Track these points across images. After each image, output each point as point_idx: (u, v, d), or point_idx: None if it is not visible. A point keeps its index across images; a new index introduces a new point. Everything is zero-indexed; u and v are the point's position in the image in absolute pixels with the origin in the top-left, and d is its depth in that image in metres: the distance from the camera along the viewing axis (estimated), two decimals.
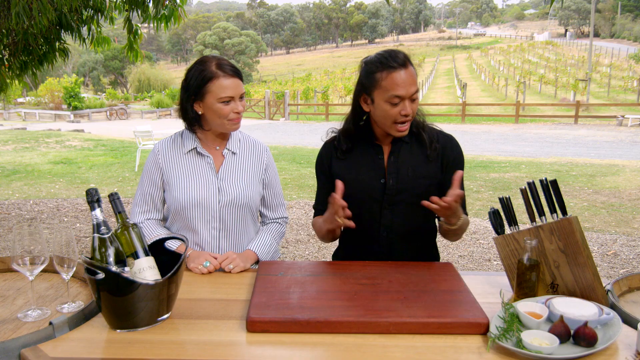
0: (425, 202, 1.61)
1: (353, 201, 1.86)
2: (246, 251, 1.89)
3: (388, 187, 1.79)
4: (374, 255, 1.84)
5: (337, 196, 1.64)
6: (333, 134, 1.93)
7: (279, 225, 2.06)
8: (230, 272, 1.75)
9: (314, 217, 1.98)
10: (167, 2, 4.56)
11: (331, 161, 1.88)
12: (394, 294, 1.49)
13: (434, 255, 1.97)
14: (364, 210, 1.84)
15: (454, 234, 1.81)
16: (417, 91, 1.71)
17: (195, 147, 1.89)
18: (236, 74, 1.81)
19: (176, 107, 1.94)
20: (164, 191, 1.92)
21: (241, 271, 1.77)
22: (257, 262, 1.90)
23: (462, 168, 1.86)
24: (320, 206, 1.95)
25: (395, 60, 1.68)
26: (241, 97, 1.83)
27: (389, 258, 1.83)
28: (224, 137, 1.93)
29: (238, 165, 1.93)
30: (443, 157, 1.82)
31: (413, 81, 1.69)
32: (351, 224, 1.67)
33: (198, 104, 1.82)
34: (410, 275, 1.63)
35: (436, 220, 1.96)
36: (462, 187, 1.84)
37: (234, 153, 1.94)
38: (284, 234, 2.10)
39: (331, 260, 2.00)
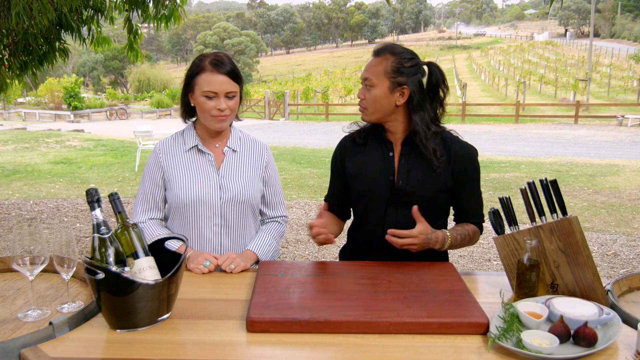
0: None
1: (360, 196, 1.88)
2: (246, 251, 1.90)
3: (396, 187, 1.80)
4: (381, 253, 1.83)
5: (316, 224, 1.73)
6: (357, 127, 1.93)
7: (278, 224, 2.06)
8: (231, 272, 1.76)
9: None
10: (167, 2, 4.56)
11: (345, 157, 1.91)
12: (394, 294, 1.49)
13: (441, 256, 1.93)
14: (370, 206, 1.86)
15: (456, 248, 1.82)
16: (366, 79, 1.75)
17: (197, 145, 1.90)
18: (226, 72, 1.80)
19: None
20: (165, 190, 1.93)
21: (242, 271, 1.77)
22: (257, 262, 1.90)
23: (475, 177, 1.84)
24: (330, 200, 2.00)
25: (376, 48, 1.79)
26: (230, 96, 1.82)
27: (395, 257, 1.81)
28: (221, 135, 1.94)
29: (239, 162, 1.94)
30: (454, 165, 1.79)
31: (370, 68, 1.76)
32: (330, 242, 1.78)
33: (191, 95, 1.86)
34: (410, 275, 1.63)
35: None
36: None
37: (234, 151, 1.95)
38: (284, 233, 2.11)
39: (338, 256, 2.02)
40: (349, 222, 2.05)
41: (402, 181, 1.79)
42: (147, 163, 1.94)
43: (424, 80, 1.79)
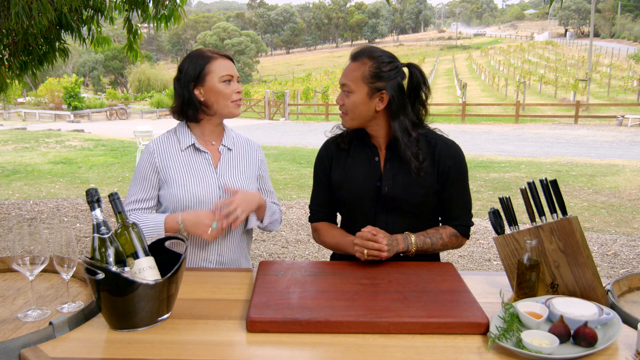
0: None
1: (348, 202, 1.85)
2: (252, 193, 1.86)
3: (382, 193, 1.77)
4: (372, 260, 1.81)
5: (372, 238, 1.66)
6: (339, 131, 1.89)
7: (276, 205, 2.06)
8: (235, 225, 1.75)
9: (313, 220, 1.95)
10: (167, 2, 4.56)
11: (331, 164, 1.86)
12: (394, 294, 1.49)
13: (432, 258, 1.91)
14: (358, 212, 1.82)
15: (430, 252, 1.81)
16: (344, 85, 1.72)
17: (193, 144, 1.87)
18: (228, 57, 1.86)
19: (172, 108, 1.91)
20: (159, 190, 1.88)
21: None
22: (259, 220, 1.91)
23: (461, 175, 1.80)
24: (319, 208, 1.93)
25: (353, 52, 1.76)
26: (238, 81, 1.86)
27: (394, 259, 1.80)
28: (218, 133, 1.93)
29: (235, 161, 1.93)
30: (439, 164, 1.76)
31: (347, 73, 1.73)
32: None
33: (199, 89, 1.81)
34: (410, 275, 1.63)
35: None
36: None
37: (229, 149, 1.94)
38: (282, 218, 2.09)
39: (330, 260, 1.99)
40: None
41: (387, 187, 1.76)
42: (140, 163, 1.88)
43: (405, 82, 1.74)
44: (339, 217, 1.98)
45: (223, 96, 1.80)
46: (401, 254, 1.75)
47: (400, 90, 1.72)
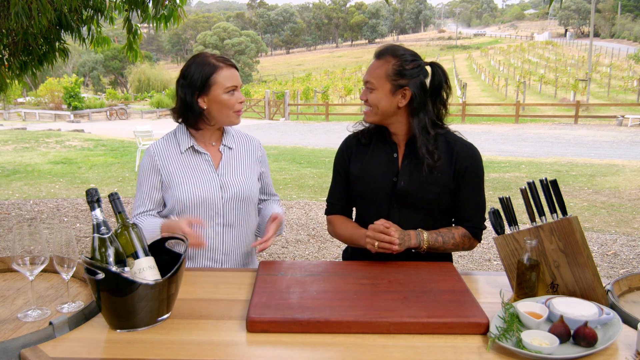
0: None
1: (363, 197, 1.88)
2: (272, 215, 1.91)
3: (398, 188, 1.79)
4: (384, 255, 1.80)
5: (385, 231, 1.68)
6: (361, 127, 1.93)
7: (277, 202, 2.11)
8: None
9: (329, 212, 1.99)
10: (166, 2, 4.56)
11: (350, 157, 1.90)
12: (394, 294, 1.49)
13: (445, 258, 1.92)
14: (372, 206, 1.85)
15: (441, 251, 1.81)
16: (367, 82, 1.77)
17: (192, 146, 1.89)
18: (234, 65, 1.87)
19: (173, 109, 1.91)
20: (162, 192, 1.90)
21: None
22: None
23: (477, 178, 1.82)
24: (335, 200, 1.97)
25: (377, 50, 1.80)
26: (240, 88, 1.89)
27: (398, 258, 1.80)
28: (221, 132, 1.95)
29: (236, 160, 1.94)
30: (456, 165, 1.79)
31: (371, 71, 1.77)
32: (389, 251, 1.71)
33: (202, 98, 1.82)
34: (410, 275, 1.63)
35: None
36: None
37: (230, 148, 1.95)
38: (284, 224, 2.12)
39: (341, 258, 2.02)
40: None
41: (403, 182, 1.79)
42: (142, 166, 1.90)
43: (427, 80, 1.78)
44: (354, 214, 2.01)
45: (226, 106, 1.82)
46: (412, 250, 1.77)
47: (423, 88, 1.76)
